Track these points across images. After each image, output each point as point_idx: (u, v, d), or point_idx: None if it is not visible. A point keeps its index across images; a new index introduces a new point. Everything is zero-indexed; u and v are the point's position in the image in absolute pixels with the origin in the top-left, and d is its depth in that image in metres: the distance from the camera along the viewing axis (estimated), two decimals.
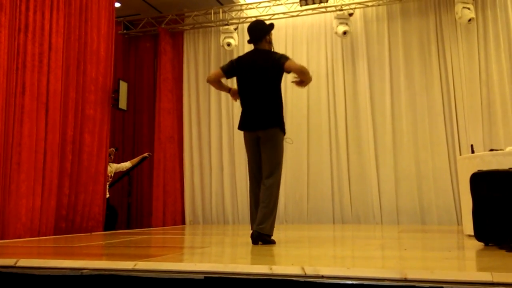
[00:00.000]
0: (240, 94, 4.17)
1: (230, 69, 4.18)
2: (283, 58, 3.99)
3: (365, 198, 7.87)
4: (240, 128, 4.15)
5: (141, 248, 4.07)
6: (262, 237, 3.83)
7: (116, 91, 7.37)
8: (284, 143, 4.09)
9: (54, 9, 5.96)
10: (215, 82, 4.24)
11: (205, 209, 8.78)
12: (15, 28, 5.47)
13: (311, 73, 4.24)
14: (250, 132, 4.06)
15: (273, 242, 3.88)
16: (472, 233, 3.66)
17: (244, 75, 4.10)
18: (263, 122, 3.96)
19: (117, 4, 8.16)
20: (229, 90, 4.31)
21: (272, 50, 4.21)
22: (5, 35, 5.22)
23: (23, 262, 2.73)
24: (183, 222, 8.79)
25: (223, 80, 4.32)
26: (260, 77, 4.01)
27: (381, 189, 7.79)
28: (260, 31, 4.18)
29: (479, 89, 7.49)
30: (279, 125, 3.98)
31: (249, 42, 4.26)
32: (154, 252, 3.74)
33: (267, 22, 4.31)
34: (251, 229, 3.93)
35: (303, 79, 4.05)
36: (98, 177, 6.61)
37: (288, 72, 4.03)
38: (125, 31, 9.38)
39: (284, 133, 4.06)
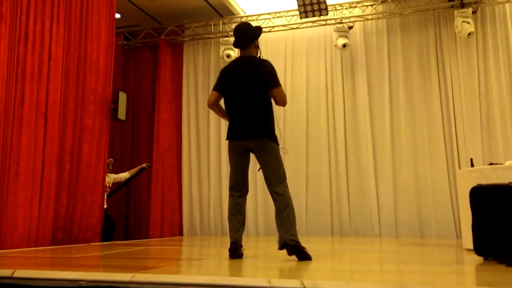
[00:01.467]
0: (229, 103, 4.00)
1: (221, 83, 4.04)
2: (274, 83, 3.88)
3: (364, 211, 7.84)
4: (228, 137, 3.97)
5: (139, 259, 4.04)
6: (299, 247, 3.58)
7: (115, 101, 7.36)
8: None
9: (54, 20, 5.97)
10: (215, 106, 4.07)
11: (203, 220, 8.74)
12: (15, 38, 5.48)
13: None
14: (238, 141, 3.90)
15: (310, 257, 3.58)
16: (472, 247, 3.65)
17: (234, 83, 3.94)
18: (253, 132, 3.82)
19: (117, 15, 8.19)
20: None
21: (259, 54, 4.11)
22: (5, 45, 5.22)
23: (20, 273, 2.70)
24: (181, 233, 8.75)
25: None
26: (250, 85, 3.87)
27: (380, 202, 7.77)
28: (249, 36, 4.04)
29: (478, 103, 7.51)
30: (269, 136, 3.83)
31: (235, 45, 4.10)
32: (151, 264, 3.71)
33: (256, 26, 4.20)
34: (232, 242, 3.73)
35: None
36: (96, 187, 6.58)
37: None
38: (125, 42, 9.42)
39: (277, 143, 3.90)
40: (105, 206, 7.03)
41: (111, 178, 7.43)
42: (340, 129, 8.17)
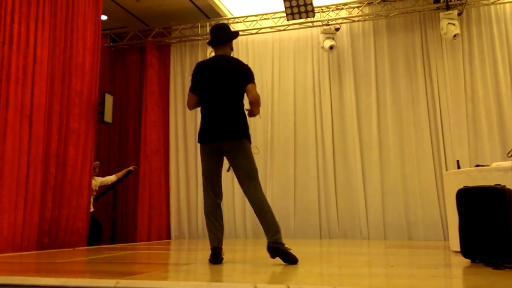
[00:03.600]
0: (204, 102, 3.84)
1: (196, 82, 3.88)
2: (251, 78, 3.77)
3: (352, 213, 7.86)
4: (201, 141, 3.79)
5: (125, 264, 3.99)
6: (282, 248, 3.49)
7: (102, 104, 7.30)
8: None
9: (39, 21, 5.90)
10: (196, 106, 3.96)
11: (191, 224, 8.69)
12: None
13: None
14: (212, 144, 3.76)
15: (296, 260, 3.47)
16: (459, 249, 3.65)
17: (211, 81, 3.80)
18: (229, 133, 3.70)
19: (104, 17, 8.13)
20: None
21: (232, 55, 4.04)
22: None
23: (3, 279, 2.65)
24: (169, 237, 8.69)
25: None
26: (226, 84, 3.75)
27: (368, 204, 7.78)
28: (227, 35, 3.96)
29: (464, 104, 7.57)
30: (246, 135, 3.73)
31: (211, 43, 3.96)
32: (137, 269, 3.67)
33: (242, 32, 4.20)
34: (213, 247, 3.67)
35: (254, 110, 3.80)
36: (82, 191, 6.51)
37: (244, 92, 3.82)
38: (111, 43, 9.35)
39: (250, 142, 3.79)
40: (92, 209, 6.97)
41: (97, 181, 7.36)
42: (328, 131, 8.17)
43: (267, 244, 3.56)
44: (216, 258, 3.64)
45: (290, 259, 3.48)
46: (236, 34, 4.09)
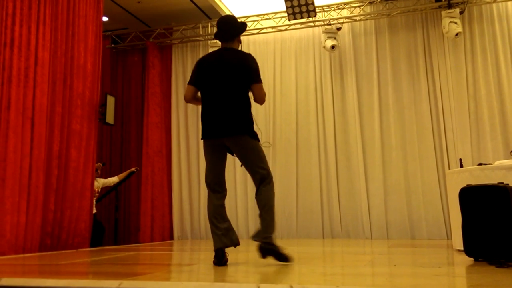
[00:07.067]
0: (204, 95, 3.77)
1: (195, 76, 3.82)
2: (255, 77, 3.73)
3: (355, 212, 7.85)
4: (203, 136, 3.73)
5: (128, 265, 3.99)
6: (274, 249, 3.48)
7: (103, 105, 7.31)
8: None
9: (40, 23, 5.91)
10: (193, 100, 3.89)
11: (194, 224, 8.70)
12: (1, 43, 5.42)
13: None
14: (215, 139, 3.70)
15: (289, 259, 3.48)
16: (462, 248, 3.65)
17: (214, 75, 3.71)
18: (231, 129, 3.61)
19: (105, 18, 8.13)
20: None
21: (241, 48, 3.93)
22: None
23: (6, 281, 2.65)
24: (171, 238, 8.69)
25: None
26: (234, 78, 3.67)
27: (371, 203, 7.77)
28: (233, 29, 3.85)
29: (467, 102, 7.55)
30: (248, 132, 3.65)
31: (218, 37, 3.87)
32: (140, 270, 3.67)
33: (244, 23, 4.05)
34: (216, 249, 3.58)
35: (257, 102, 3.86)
36: (85, 192, 6.51)
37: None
38: (113, 45, 9.35)
39: (256, 139, 3.72)
40: (94, 211, 6.97)
41: (100, 182, 7.36)
42: (330, 130, 8.17)
43: (260, 243, 3.52)
44: (219, 259, 3.57)
45: (283, 257, 3.47)
46: (243, 26, 3.95)
